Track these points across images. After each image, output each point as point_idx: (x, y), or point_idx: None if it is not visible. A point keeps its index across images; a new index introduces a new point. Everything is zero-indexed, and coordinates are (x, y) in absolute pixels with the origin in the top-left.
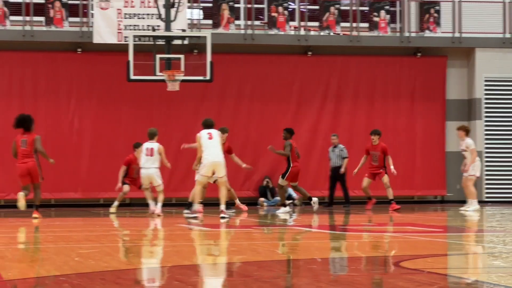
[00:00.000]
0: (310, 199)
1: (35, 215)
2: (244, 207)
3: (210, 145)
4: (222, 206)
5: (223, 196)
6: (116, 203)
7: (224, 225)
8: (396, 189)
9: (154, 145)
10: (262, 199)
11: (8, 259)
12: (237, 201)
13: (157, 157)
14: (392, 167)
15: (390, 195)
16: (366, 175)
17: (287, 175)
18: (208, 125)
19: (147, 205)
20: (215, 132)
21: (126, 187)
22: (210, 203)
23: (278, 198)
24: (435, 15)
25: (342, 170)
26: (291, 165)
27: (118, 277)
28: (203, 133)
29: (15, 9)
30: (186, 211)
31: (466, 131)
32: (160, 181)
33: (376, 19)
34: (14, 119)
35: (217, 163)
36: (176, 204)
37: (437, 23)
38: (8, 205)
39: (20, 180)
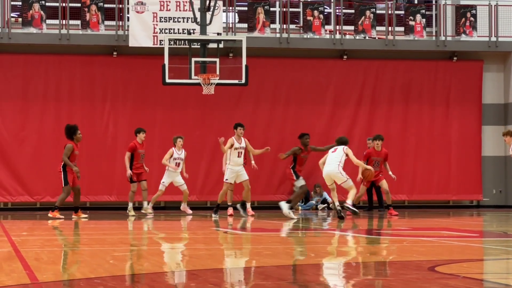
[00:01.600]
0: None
1: (73, 216)
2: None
3: (328, 158)
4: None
5: (351, 195)
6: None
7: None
8: (431, 193)
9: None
10: None
11: (43, 261)
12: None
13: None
14: (390, 172)
15: (389, 200)
16: (364, 183)
17: None
18: (339, 142)
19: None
20: (340, 147)
21: (134, 186)
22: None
23: (313, 202)
24: (471, 19)
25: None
26: None
27: (153, 280)
28: (330, 150)
29: (52, 13)
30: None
31: None
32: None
33: (411, 23)
34: None
35: (328, 174)
36: (211, 207)
37: (473, 27)
38: (44, 208)
39: None
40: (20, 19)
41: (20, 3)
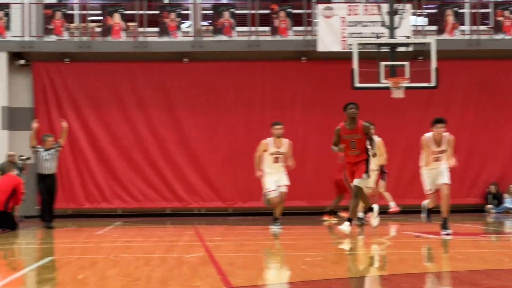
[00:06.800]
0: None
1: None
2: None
3: None
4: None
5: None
6: None
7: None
8: None
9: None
10: (489, 206)
11: (236, 266)
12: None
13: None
14: None
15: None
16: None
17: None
18: None
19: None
20: None
21: None
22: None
23: (506, 205)
24: None
25: None
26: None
27: (344, 286)
28: None
29: (241, 20)
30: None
31: None
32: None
33: None
34: None
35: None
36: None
37: None
38: (236, 213)
39: None
40: (211, 27)
41: (211, 12)
